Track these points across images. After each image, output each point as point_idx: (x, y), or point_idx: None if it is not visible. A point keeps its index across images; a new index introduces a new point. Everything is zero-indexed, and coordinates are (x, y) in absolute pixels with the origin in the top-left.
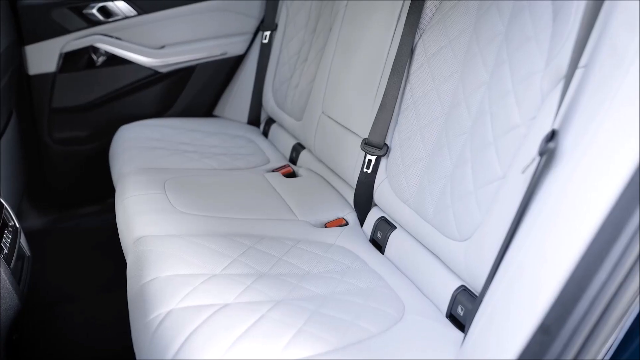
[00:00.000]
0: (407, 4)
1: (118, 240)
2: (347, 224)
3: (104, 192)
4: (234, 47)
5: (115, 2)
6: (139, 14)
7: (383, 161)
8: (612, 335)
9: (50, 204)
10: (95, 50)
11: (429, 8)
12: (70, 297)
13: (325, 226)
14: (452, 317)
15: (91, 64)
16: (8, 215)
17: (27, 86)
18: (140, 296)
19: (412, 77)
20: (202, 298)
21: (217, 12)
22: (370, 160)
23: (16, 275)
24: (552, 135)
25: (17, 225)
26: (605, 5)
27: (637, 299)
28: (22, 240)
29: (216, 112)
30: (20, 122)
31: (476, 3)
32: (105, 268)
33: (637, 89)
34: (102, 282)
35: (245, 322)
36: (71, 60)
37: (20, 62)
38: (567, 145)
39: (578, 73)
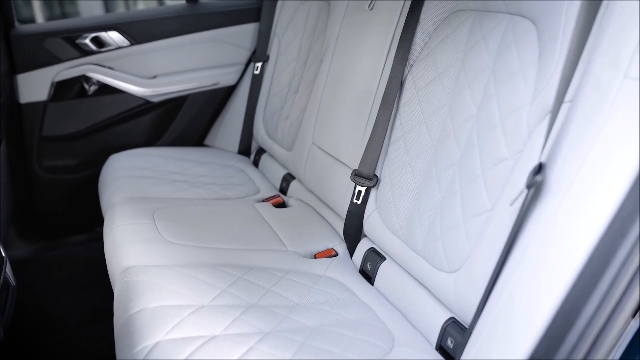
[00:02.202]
0: (397, 37)
1: (105, 270)
2: (336, 254)
3: (92, 221)
4: (225, 78)
5: (109, 33)
6: (132, 44)
7: (373, 192)
8: None
9: (38, 232)
10: (87, 79)
11: (418, 42)
12: (56, 327)
13: (315, 257)
14: (441, 349)
15: (83, 93)
16: None
17: (17, 114)
18: (127, 327)
19: (401, 110)
20: (190, 330)
21: (209, 43)
22: (360, 191)
23: (0, 306)
24: (539, 169)
25: (3, 254)
26: (589, 42)
27: (627, 328)
28: (8, 269)
29: (207, 141)
30: (10, 150)
31: (464, 38)
32: (92, 298)
33: (621, 124)
34: (89, 313)
35: (233, 354)
36: (63, 89)
37: (11, 90)
38: (554, 178)
39: (564, 108)
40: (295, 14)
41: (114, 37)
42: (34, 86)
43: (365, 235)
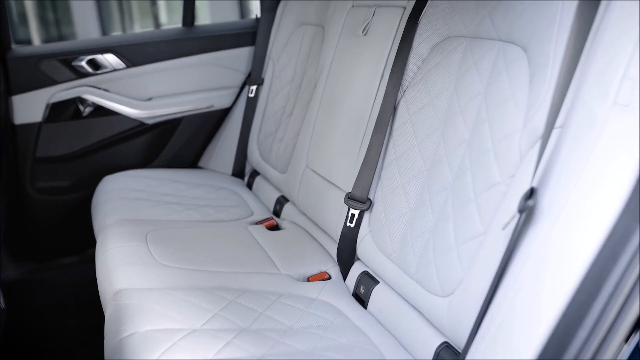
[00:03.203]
0: (391, 62)
1: (97, 293)
2: (330, 278)
3: (84, 243)
4: (220, 100)
5: (105, 55)
6: (128, 66)
7: (366, 215)
8: None
9: (29, 254)
10: (82, 101)
11: (411, 67)
12: (46, 350)
13: (308, 280)
14: None
15: (78, 114)
16: None
17: (11, 135)
18: (118, 352)
19: (395, 134)
20: (181, 354)
21: (205, 66)
22: (353, 215)
23: None
24: (531, 193)
25: None
26: (579, 69)
27: (620, 354)
28: None
29: (201, 163)
30: (3, 171)
31: (456, 64)
32: (83, 321)
33: (611, 149)
34: (80, 336)
35: None
36: (58, 111)
37: (6, 111)
38: (545, 202)
39: (554, 133)
40: (290, 38)
41: (110, 59)
42: (29, 107)
43: (358, 259)
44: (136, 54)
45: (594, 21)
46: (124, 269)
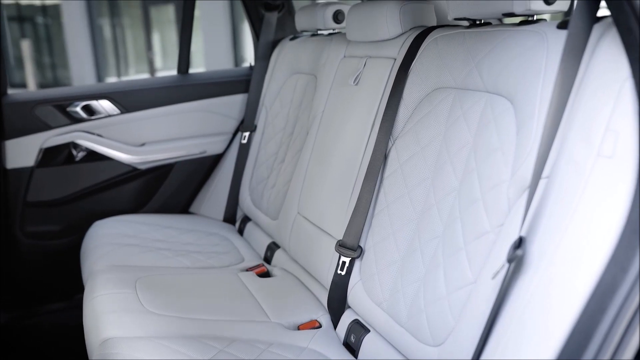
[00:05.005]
0: (381, 111)
1: (84, 341)
2: (320, 326)
3: (72, 289)
4: (213, 146)
5: (100, 101)
6: (122, 112)
7: (357, 263)
8: None
9: (16, 299)
10: (75, 146)
11: (401, 116)
12: None
13: (299, 328)
14: None
15: (70, 159)
16: None
17: (2, 179)
18: None
19: (385, 182)
20: None
21: (198, 112)
22: (344, 262)
23: None
24: (520, 243)
25: None
26: (564, 121)
27: None
28: None
29: (192, 209)
30: None
31: (445, 114)
32: None
33: (597, 200)
34: None
35: None
36: (50, 155)
37: None
38: (534, 251)
39: (542, 183)
40: (283, 86)
41: (104, 105)
42: (22, 152)
43: (349, 307)
44: (131, 100)
45: (577, 74)
46: (111, 316)
